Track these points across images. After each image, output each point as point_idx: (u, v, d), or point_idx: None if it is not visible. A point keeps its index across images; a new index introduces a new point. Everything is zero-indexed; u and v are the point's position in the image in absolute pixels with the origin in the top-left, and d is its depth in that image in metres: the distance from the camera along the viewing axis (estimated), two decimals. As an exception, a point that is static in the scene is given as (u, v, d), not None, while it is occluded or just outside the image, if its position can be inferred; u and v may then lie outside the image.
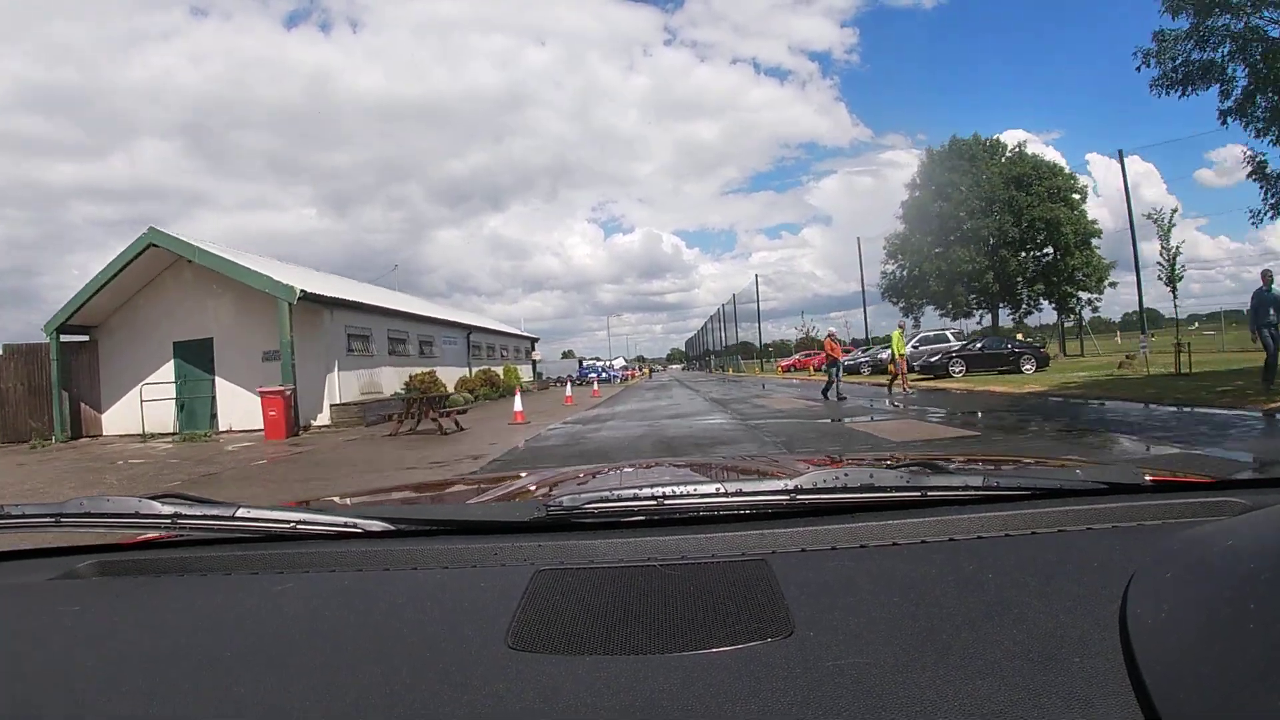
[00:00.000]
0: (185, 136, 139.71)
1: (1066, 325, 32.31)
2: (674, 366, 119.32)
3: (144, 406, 15.40)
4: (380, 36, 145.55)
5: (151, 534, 0.85)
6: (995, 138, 32.36)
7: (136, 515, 0.81)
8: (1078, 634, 0.50)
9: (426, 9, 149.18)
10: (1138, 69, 13.49)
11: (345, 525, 0.81)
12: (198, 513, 0.81)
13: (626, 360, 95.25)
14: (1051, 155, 33.25)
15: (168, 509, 0.81)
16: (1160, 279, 19.91)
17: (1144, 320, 21.17)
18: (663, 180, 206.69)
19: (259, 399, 13.72)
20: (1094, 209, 29.95)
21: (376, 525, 0.80)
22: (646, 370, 75.59)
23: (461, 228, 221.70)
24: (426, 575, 0.71)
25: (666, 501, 0.77)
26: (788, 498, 0.76)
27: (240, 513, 0.81)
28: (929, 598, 0.58)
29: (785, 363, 43.95)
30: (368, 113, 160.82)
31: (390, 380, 18.65)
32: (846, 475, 0.77)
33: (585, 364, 56.53)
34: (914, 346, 21.42)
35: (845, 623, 0.55)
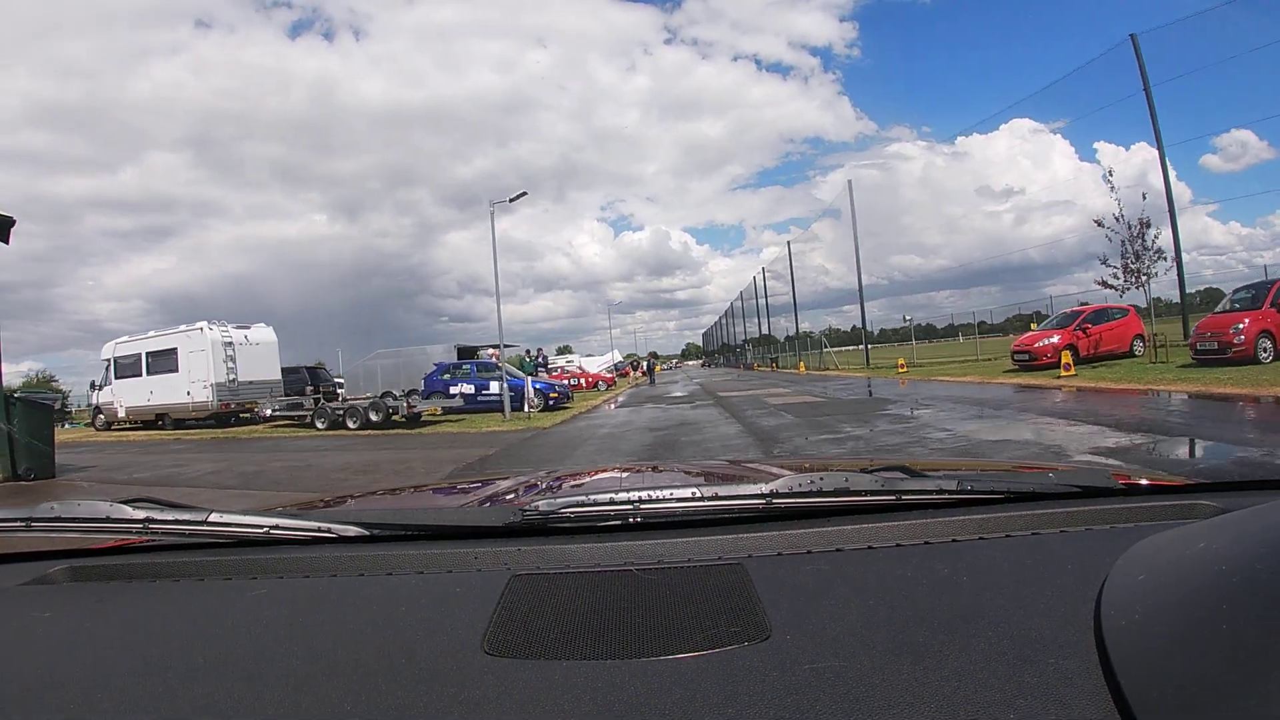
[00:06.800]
0: (193, 148, 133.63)
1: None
2: (690, 363, 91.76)
3: None
4: (383, 44, 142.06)
5: (124, 539, 0.85)
6: None
7: (108, 520, 0.81)
8: (1053, 635, 0.51)
9: (427, 15, 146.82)
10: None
11: (319, 530, 0.81)
12: (170, 518, 0.81)
13: (625, 357, 56.41)
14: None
15: (139, 514, 0.80)
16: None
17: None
18: (669, 178, 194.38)
19: None
20: (1101, 199, 16.90)
21: (351, 530, 0.81)
22: (640, 372, 39.08)
23: (471, 230, 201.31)
24: (401, 581, 0.71)
25: (643, 506, 0.77)
26: (763, 502, 0.76)
27: (213, 518, 0.81)
28: (905, 600, 0.58)
29: (1048, 338, 14.75)
30: (374, 119, 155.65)
31: None
32: (821, 480, 0.77)
33: (441, 365, 17.85)
34: None
35: (821, 626, 0.55)
